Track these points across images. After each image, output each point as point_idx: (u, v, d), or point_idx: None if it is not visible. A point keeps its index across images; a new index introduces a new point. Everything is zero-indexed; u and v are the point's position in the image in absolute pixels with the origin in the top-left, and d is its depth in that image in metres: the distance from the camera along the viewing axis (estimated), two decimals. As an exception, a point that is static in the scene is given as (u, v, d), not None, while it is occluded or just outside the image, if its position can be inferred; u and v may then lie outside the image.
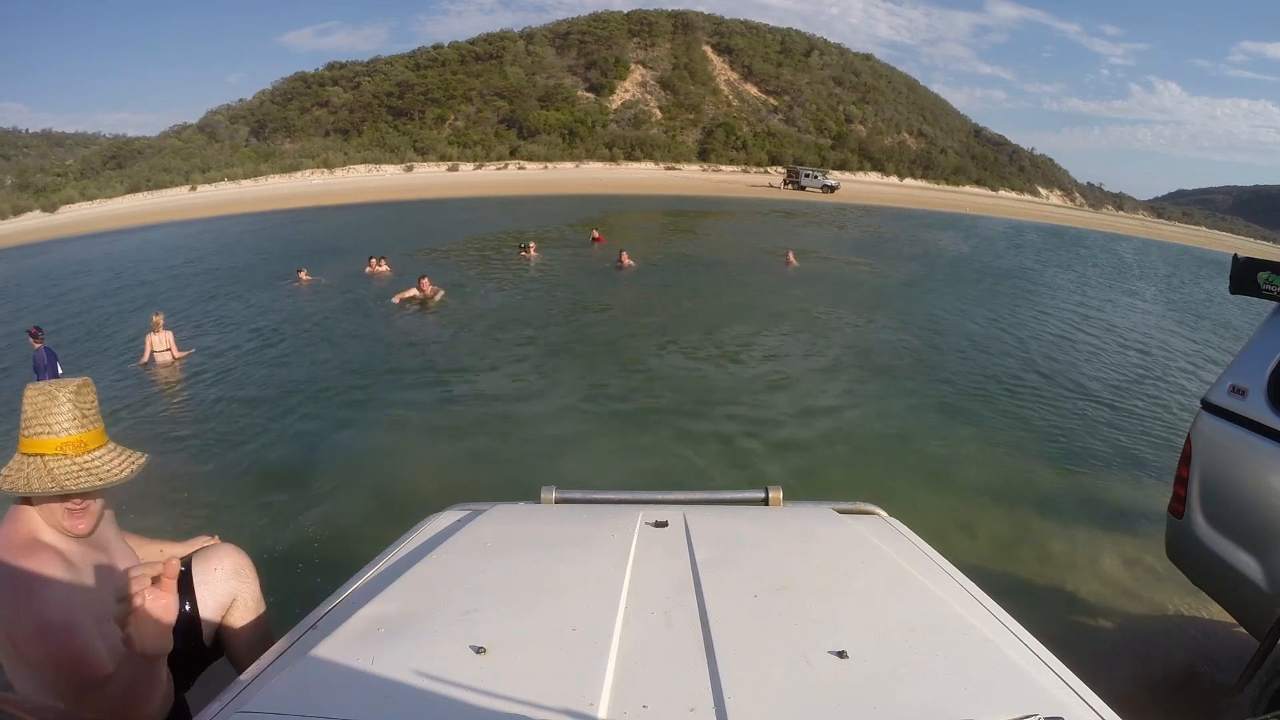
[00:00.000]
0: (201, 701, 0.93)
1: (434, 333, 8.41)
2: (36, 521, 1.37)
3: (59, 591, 1.30)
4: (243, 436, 5.21)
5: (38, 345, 6.50)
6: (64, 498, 1.35)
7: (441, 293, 9.66)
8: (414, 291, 9.63)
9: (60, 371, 6.45)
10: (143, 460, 1.45)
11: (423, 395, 6.20)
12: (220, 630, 1.63)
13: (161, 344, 7.65)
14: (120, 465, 1.40)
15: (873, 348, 8.06)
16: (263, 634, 1.63)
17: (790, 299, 10.80)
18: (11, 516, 1.38)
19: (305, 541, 3.56)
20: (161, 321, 7.76)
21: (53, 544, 1.37)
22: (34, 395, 1.35)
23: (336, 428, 5.44)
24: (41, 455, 1.34)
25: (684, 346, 7.81)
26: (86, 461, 1.36)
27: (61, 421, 1.35)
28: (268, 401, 6.08)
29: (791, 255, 14.58)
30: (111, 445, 1.43)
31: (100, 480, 1.35)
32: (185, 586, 1.57)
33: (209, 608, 1.60)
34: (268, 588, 1.74)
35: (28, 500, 1.36)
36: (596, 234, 17.28)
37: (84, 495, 1.36)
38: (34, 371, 6.40)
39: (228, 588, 1.61)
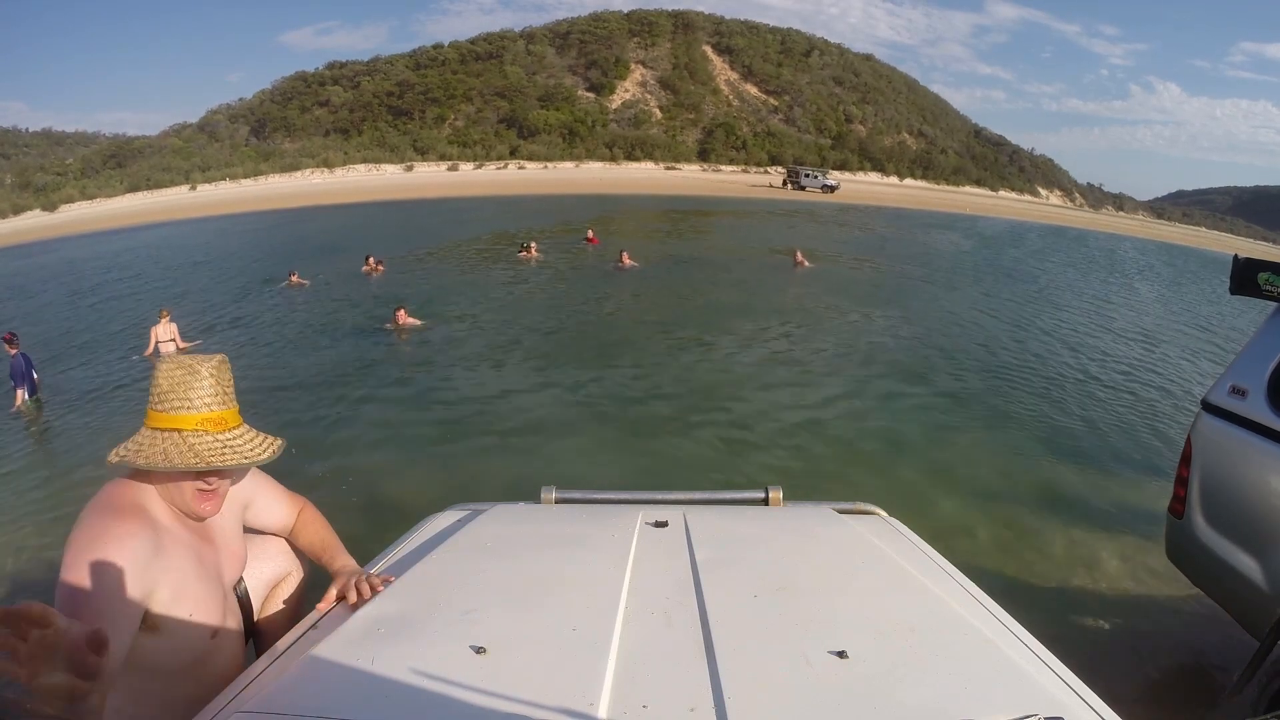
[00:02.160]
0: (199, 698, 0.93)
1: (434, 333, 8.41)
2: (149, 495, 1.30)
3: (128, 570, 1.18)
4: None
5: (13, 351, 6.49)
6: (198, 476, 1.29)
7: (416, 323, 8.46)
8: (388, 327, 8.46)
9: (35, 377, 6.45)
10: (281, 443, 1.40)
11: (423, 395, 6.20)
12: (264, 607, 1.60)
13: (166, 334, 7.89)
14: (261, 446, 1.35)
15: (876, 347, 8.06)
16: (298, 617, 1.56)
17: (801, 300, 10.77)
18: (116, 484, 1.30)
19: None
20: (169, 314, 8.05)
21: (158, 520, 1.29)
22: (172, 369, 1.30)
23: (335, 428, 5.44)
24: (180, 430, 1.27)
25: (686, 346, 7.81)
26: (229, 439, 1.30)
27: (203, 396, 1.30)
28: (265, 402, 6.08)
29: (800, 255, 14.30)
30: (247, 427, 1.37)
31: (245, 458, 1.30)
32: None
33: (260, 583, 1.56)
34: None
35: (145, 478, 1.30)
36: (590, 234, 17.23)
37: (220, 474, 1.31)
38: (11, 378, 6.39)
39: (281, 564, 1.59)
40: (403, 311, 8.37)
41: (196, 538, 1.34)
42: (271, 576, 1.58)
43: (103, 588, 1.12)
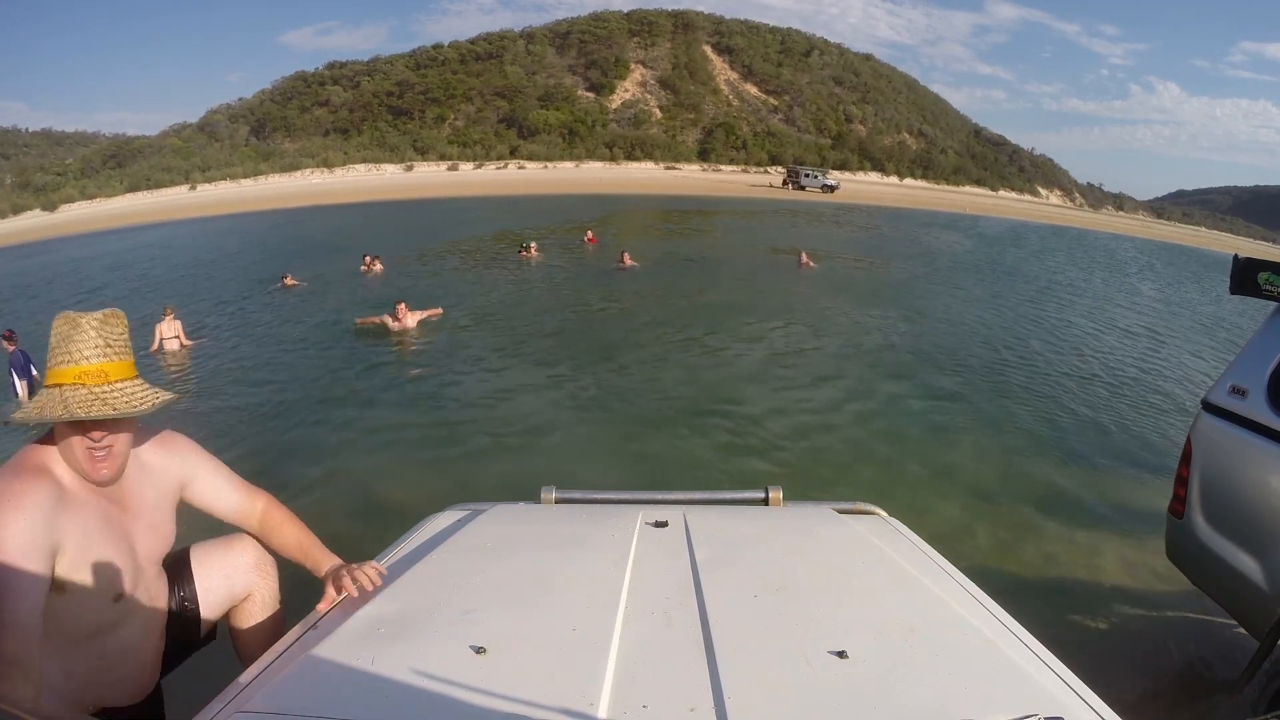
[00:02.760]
0: (196, 698, 0.93)
1: (434, 334, 8.40)
2: (53, 456, 1.29)
3: (28, 528, 1.17)
4: (238, 435, 5.21)
5: (11, 348, 6.50)
6: (84, 433, 1.25)
7: (418, 317, 7.81)
8: (384, 318, 7.81)
9: (35, 374, 6.46)
10: (167, 397, 1.35)
11: (422, 395, 6.20)
12: (231, 625, 1.59)
13: (170, 331, 7.94)
14: (141, 398, 1.30)
15: (877, 347, 8.06)
16: (276, 631, 1.55)
17: (805, 300, 10.75)
18: (25, 449, 1.30)
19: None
20: (173, 312, 8.09)
21: (61, 480, 1.27)
22: (59, 324, 1.28)
23: (334, 428, 5.43)
24: (60, 385, 1.25)
25: (687, 346, 7.81)
26: (104, 391, 1.26)
27: (84, 349, 1.27)
28: (263, 402, 6.08)
29: (805, 256, 14.16)
30: (139, 380, 1.33)
31: (114, 409, 1.25)
32: (183, 576, 1.54)
33: (218, 597, 1.55)
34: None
35: (50, 440, 1.30)
36: (590, 235, 17.21)
37: (100, 428, 1.26)
38: (11, 370, 6.42)
39: (246, 581, 1.56)
40: (402, 306, 7.74)
41: (105, 501, 1.33)
42: (236, 593, 1.56)
43: (6, 547, 1.13)
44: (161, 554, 1.46)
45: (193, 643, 1.57)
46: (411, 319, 7.76)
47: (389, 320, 7.73)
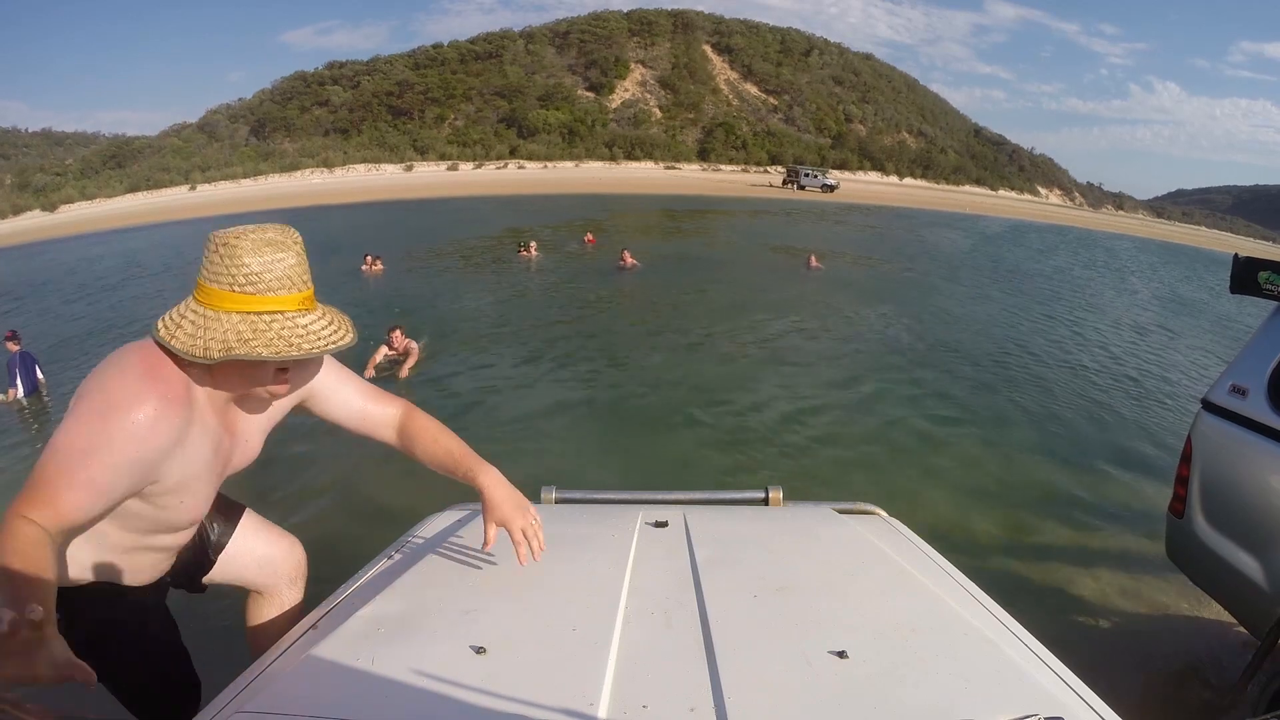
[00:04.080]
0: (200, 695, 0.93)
1: (431, 333, 8.41)
2: (188, 367, 1.14)
3: (145, 453, 1.07)
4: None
5: (15, 348, 6.43)
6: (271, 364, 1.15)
7: (417, 346, 6.96)
8: (383, 351, 6.91)
9: (40, 376, 6.40)
10: (352, 324, 1.26)
11: (422, 395, 6.20)
12: (248, 623, 1.61)
13: None
14: (340, 328, 1.20)
15: (879, 347, 8.05)
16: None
17: (810, 300, 10.71)
18: (152, 348, 1.13)
19: (304, 542, 3.55)
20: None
21: (194, 402, 1.16)
22: (258, 245, 1.12)
23: (334, 428, 5.43)
24: (281, 312, 1.12)
25: (688, 346, 7.81)
26: (310, 324, 1.15)
27: (298, 274, 1.15)
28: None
29: (814, 258, 13.99)
30: (321, 305, 1.22)
31: (333, 343, 1.16)
32: (226, 521, 1.54)
33: (236, 569, 1.53)
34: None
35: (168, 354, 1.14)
36: (589, 236, 17.19)
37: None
38: (15, 373, 6.34)
39: (270, 582, 1.57)
40: (399, 332, 6.90)
41: (222, 426, 1.25)
42: (248, 576, 1.55)
43: (107, 465, 1.03)
44: (242, 468, 1.38)
45: (191, 580, 1.54)
46: (404, 343, 6.97)
47: (384, 350, 6.93)
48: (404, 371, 6.48)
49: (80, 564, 1.24)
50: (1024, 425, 5.74)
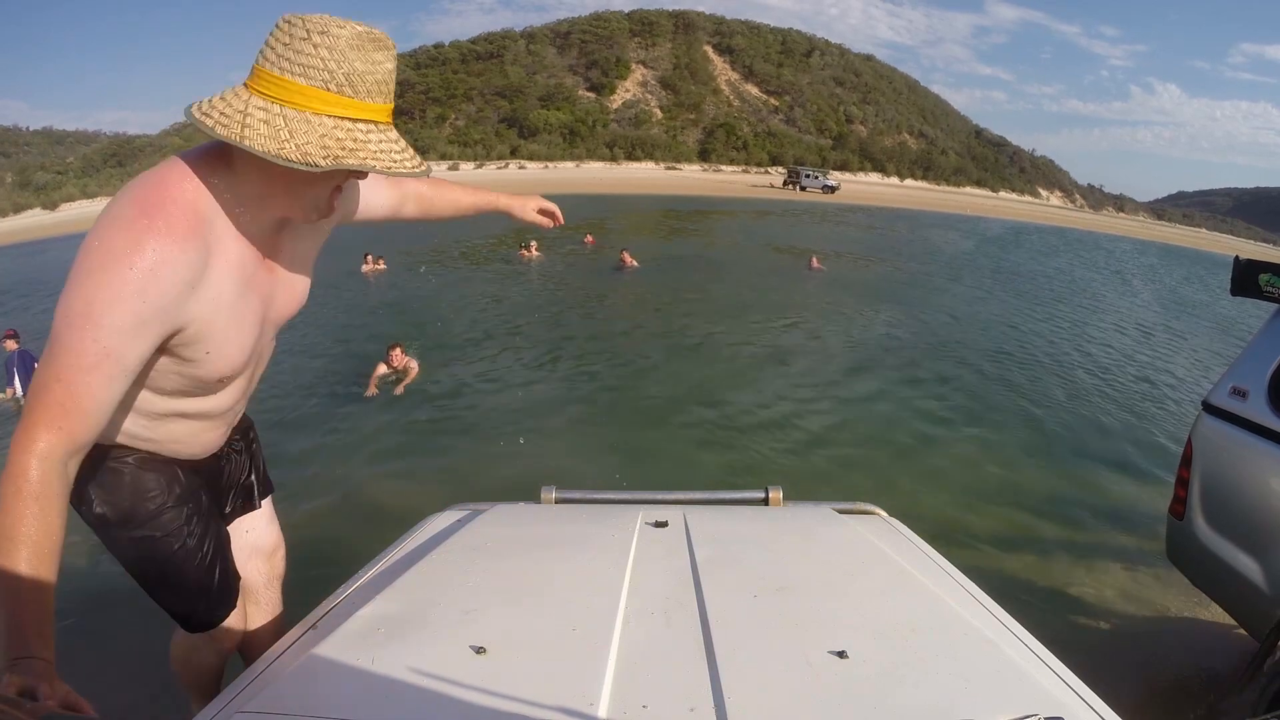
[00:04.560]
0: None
1: (432, 332, 8.41)
2: (217, 191, 1.01)
3: (155, 301, 0.92)
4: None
5: (14, 347, 6.41)
6: (333, 177, 1.02)
7: (416, 365, 6.77)
8: (382, 368, 6.77)
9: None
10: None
11: (421, 395, 6.20)
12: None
13: None
14: (414, 156, 1.04)
15: (881, 347, 8.05)
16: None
17: (811, 301, 10.73)
18: (171, 171, 0.99)
19: (304, 542, 3.55)
20: None
21: (215, 230, 1.00)
22: (362, 41, 0.95)
23: (332, 428, 5.44)
24: (375, 123, 0.98)
25: (689, 346, 7.81)
26: (396, 140, 1.01)
27: (389, 83, 1.00)
28: (260, 403, 6.08)
29: (816, 260, 13.97)
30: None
31: (420, 167, 1.02)
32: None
33: (237, 551, 1.49)
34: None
35: (218, 163, 1.01)
36: (588, 237, 17.18)
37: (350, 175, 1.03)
38: (9, 374, 6.32)
39: (254, 577, 1.54)
40: (398, 350, 6.76)
41: (255, 259, 1.09)
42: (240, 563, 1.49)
43: (118, 328, 0.90)
44: (290, 316, 1.25)
45: (248, 491, 1.56)
46: (402, 361, 6.81)
47: (383, 367, 6.79)
48: (400, 390, 6.31)
49: (116, 427, 1.14)
50: (1024, 426, 5.74)
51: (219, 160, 1.01)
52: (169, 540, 1.26)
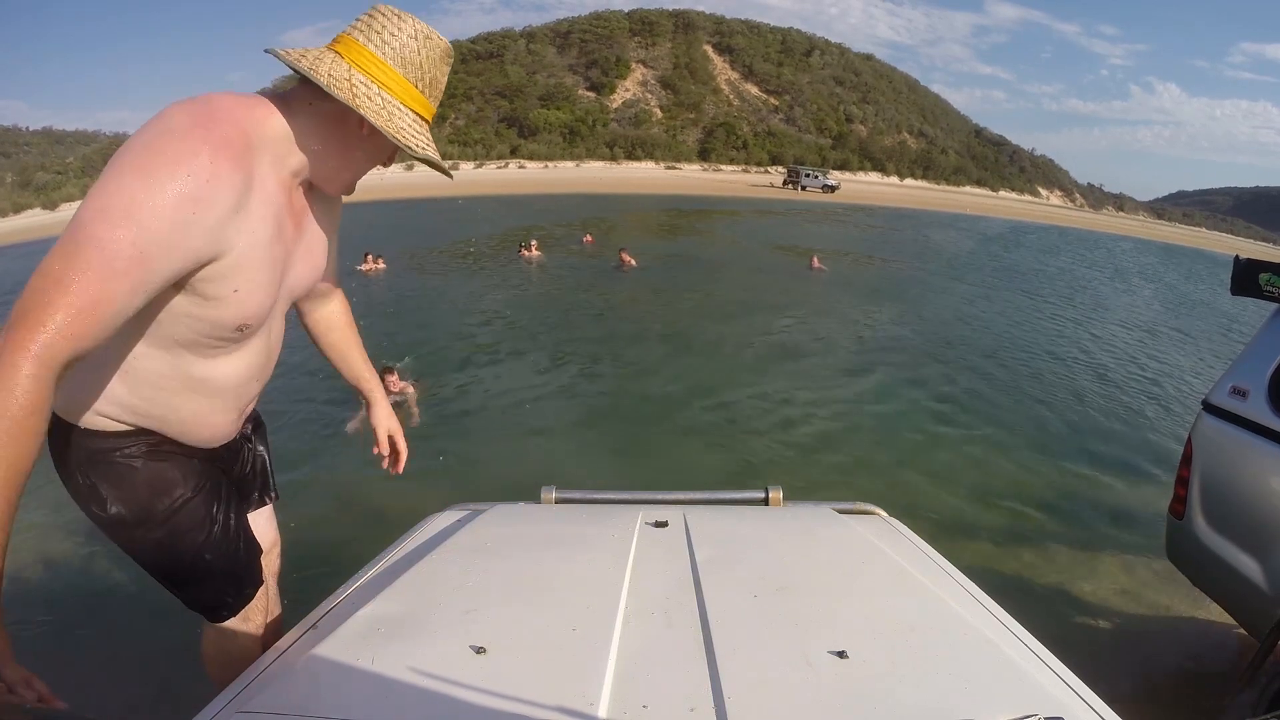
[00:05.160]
0: (196, 697, 0.93)
1: (431, 332, 8.41)
2: (274, 129, 1.00)
3: (200, 214, 0.88)
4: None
5: None
6: (380, 154, 1.10)
7: (413, 389, 6.24)
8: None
9: None
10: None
11: (421, 395, 6.20)
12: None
13: None
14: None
15: (881, 347, 8.05)
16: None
17: (812, 300, 10.71)
18: (233, 101, 0.97)
19: (304, 542, 3.56)
20: None
21: (263, 166, 0.99)
22: (430, 47, 1.04)
23: (332, 430, 5.44)
24: (419, 116, 1.06)
25: (689, 346, 7.81)
26: (432, 140, 1.11)
27: (441, 94, 1.10)
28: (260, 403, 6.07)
29: (817, 260, 13.90)
30: None
31: (451, 168, 1.16)
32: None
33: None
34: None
35: (276, 107, 1.02)
36: (587, 236, 17.14)
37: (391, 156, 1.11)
38: None
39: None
40: (393, 377, 6.17)
41: (286, 210, 1.07)
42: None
43: (155, 231, 0.83)
44: (307, 286, 1.24)
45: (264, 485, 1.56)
46: (399, 386, 6.29)
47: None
48: (415, 420, 5.72)
49: (117, 403, 1.08)
50: (1024, 425, 5.74)
51: (278, 105, 1.03)
52: (194, 534, 1.21)
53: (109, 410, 1.09)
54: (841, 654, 0.85)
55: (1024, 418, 5.95)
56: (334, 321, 1.49)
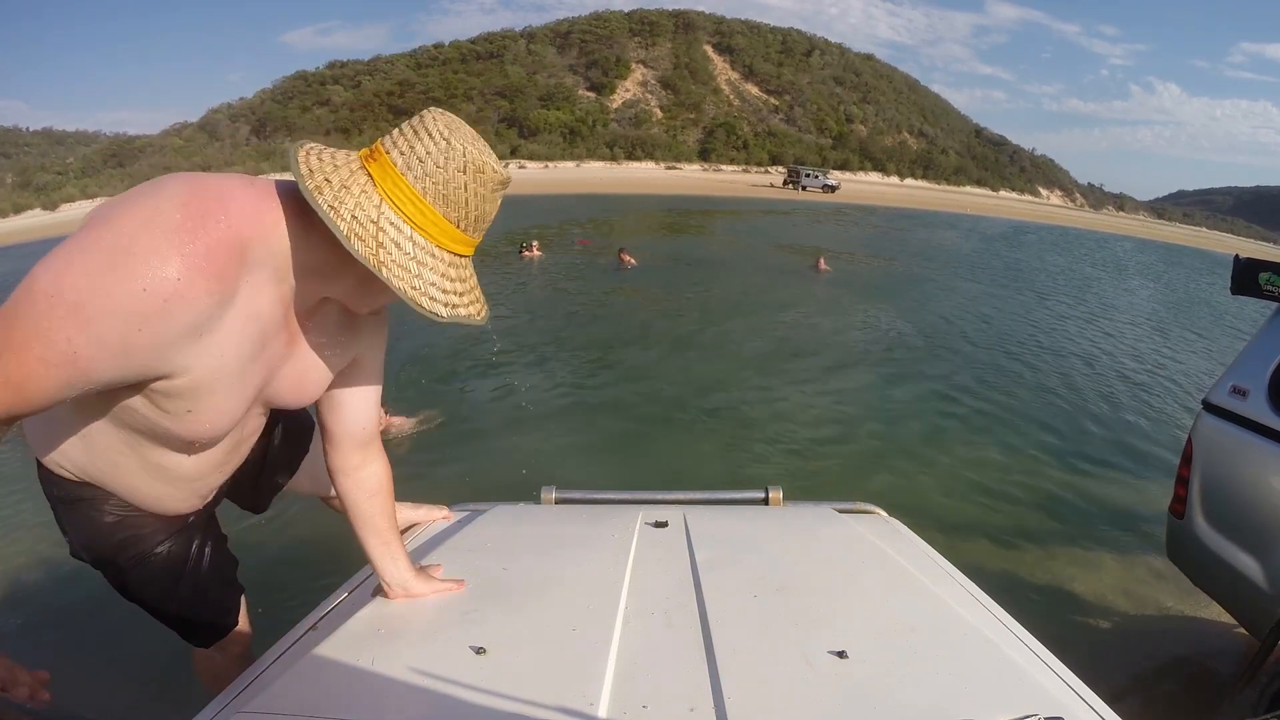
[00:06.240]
0: (196, 697, 0.93)
1: (431, 333, 8.41)
2: (266, 226, 0.85)
3: (156, 328, 0.77)
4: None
5: None
6: (372, 289, 0.92)
7: (405, 420, 5.56)
8: None
9: None
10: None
11: (421, 394, 6.20)
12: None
13: None
14: (478, 297, 0.94)
15: (885, 348, 8.05)
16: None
17: (813, 300, 10.70)
18: (232, 188, 0.84)
19: (304, 543, 3.56)
20: None
21: (247, 268, 0.84)
22: (480, 181, 0.87)
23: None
24: (461, 256, 0.90)
25: (689, 346, 7.80)
26: (470, 278, 0.92)
27: (490, 213, 0.92)
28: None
29: (822, 260, 13.81)
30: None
31: (478, 315, 0.92)
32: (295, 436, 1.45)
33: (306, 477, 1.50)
34: (269, 587, 1.73)
35: (281, 201, 0.87)
36: (585, 236, 17.08)
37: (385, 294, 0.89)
38: None
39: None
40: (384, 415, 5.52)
41: (279, 328, 0.94)
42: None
43: (95, 331, 0.74)
44: (286, 406, 1.07)
45: (255, 495, 1.49)
46: (386, 421, 5.65)
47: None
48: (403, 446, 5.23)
49: (77, 464, 1.05)
50: (1024, 424, 5.74)
51: (294, 204, 0.86)
52: (164, 580, 1.23)
53: (71, 467, 1.06)
54: (841, 654, 0.85)
55: (1024, 417, 5.94)
56: (364, 491, 1.20)
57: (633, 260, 12.95)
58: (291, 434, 1.49)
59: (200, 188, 0.81)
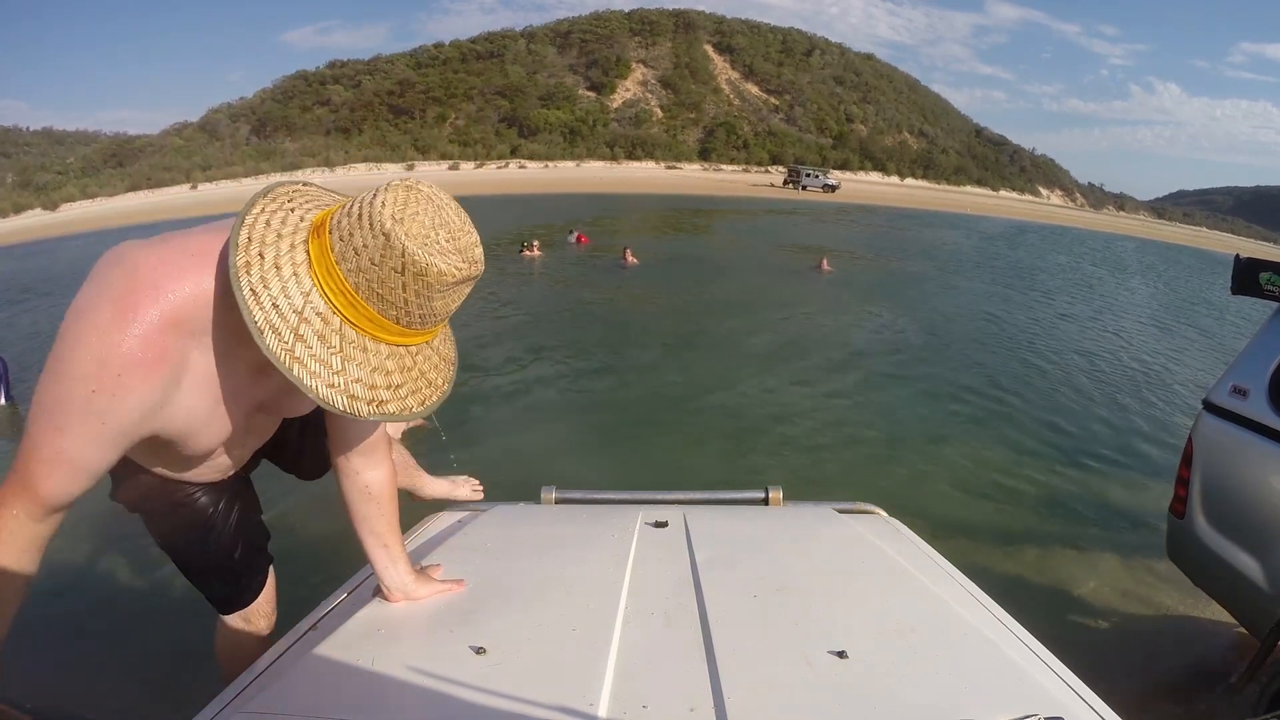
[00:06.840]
0: (196, 697, 0.93)
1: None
2: (193, 307, 0.83)
3: (123, 418, 0.83)
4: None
5: None
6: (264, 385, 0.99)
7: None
8: None
9: (9, 382, 6.03)
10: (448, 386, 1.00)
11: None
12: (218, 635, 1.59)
13: None
14: (442, 380, 0.97)
15: (886, 347, 8.05)
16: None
17: (815, 300, 10.69)
18: (162, 264, 0.83)
19: (304, 543, 3.56)
20: None
21: (193, 345, 0.86)
22: (443, 274, 0.81)
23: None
24: (409, 347, 0.89)
25: (689, 346, 7.80)
26: (430, 367, 0.95)
27: (449, 313, 0.91)
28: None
29: (825, 261, 13.77)
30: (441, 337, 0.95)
31: (416, 408, 0.91)
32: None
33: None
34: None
35: (194, 269, 0.84)
36: (582, 235, 17.05)
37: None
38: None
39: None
40: None
41: (248, 369, 0.94)
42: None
43: (78, 436, 0.81)
44: (299, 413, 1.17)
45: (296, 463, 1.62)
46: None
47: None
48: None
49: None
50: (1025, 424, 5.74)
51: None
52: (191, 528, 1.35)
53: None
54: (841, 654, 0.85)
55: (1025, 416, 5.94)
56: (366, 495, 1.19)
57: (635, 259, 12.95)
58: None
59: (132, 274, 0.81)
